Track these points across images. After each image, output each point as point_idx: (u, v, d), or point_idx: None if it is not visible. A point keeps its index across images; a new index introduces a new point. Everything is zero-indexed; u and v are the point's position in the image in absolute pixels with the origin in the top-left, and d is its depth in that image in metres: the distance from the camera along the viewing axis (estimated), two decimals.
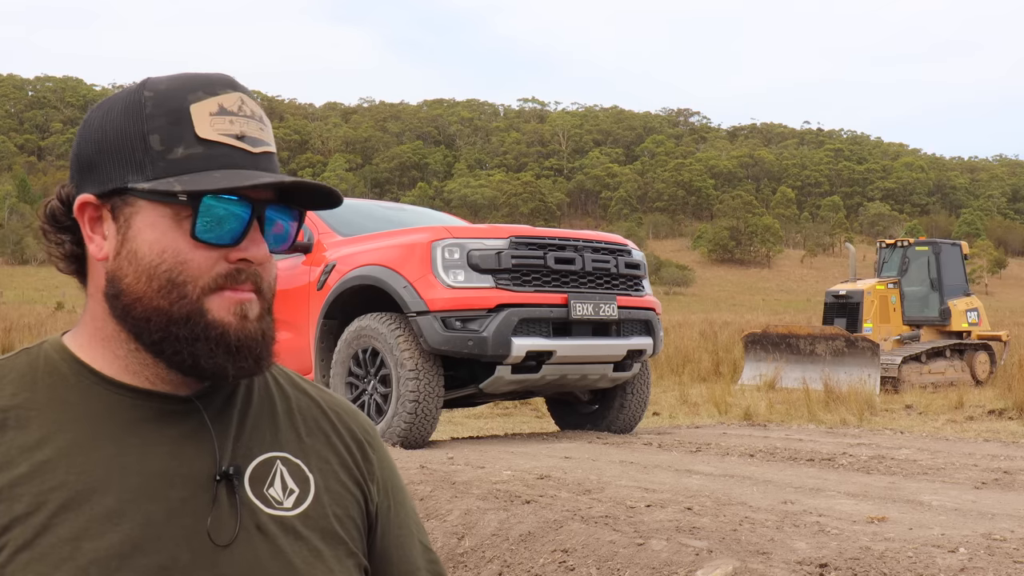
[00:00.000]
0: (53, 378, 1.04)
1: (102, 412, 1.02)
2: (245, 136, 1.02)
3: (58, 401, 1.02)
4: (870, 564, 3.12)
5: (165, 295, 1.00)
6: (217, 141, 1.01)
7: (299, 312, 6.60)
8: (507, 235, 6.16)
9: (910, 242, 16.78)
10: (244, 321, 1.02)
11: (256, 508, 1.03)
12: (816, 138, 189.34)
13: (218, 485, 1.02)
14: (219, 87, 1.04)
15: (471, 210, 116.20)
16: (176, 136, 1.00)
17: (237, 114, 1.03)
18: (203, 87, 1.03)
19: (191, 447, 1.03)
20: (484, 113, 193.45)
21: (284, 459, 1.08)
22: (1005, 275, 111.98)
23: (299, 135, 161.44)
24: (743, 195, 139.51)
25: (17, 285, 65.33)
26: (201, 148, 1.00)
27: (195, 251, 1.00)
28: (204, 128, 1.01)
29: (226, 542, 1.00)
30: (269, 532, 1.03)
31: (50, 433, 1.00)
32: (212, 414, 1.06)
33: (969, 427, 9.66)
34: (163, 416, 1.03)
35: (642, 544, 3.46)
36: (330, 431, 1.15)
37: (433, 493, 4.36)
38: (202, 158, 1.00)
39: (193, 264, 1.00)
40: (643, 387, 7.10)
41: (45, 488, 0.96)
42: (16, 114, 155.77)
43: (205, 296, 1.00)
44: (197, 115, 1.01)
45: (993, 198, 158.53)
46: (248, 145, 1.02)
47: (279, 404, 1.13)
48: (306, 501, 1.07)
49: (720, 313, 45.10)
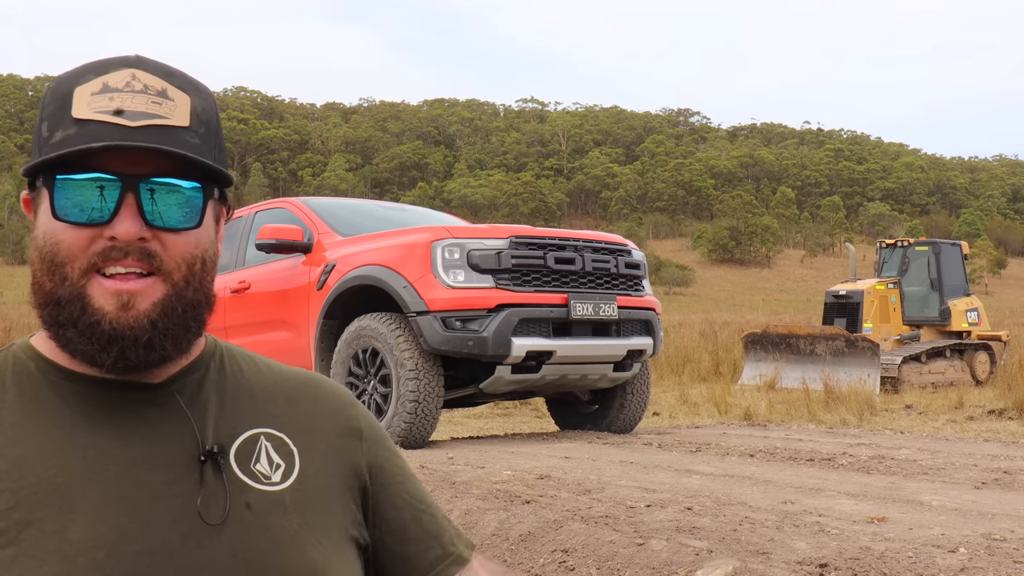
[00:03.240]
0: (21, 377, 1.04)
1: (73, 405, 1.02)
2: (124, 111, 0.99)
3: (28, 399, 1.02)
4: (870, 564, 3.11)
5: (51, 277, 1.00)
6: (89, 119, 0.98)
7: (299, 312, 6.60)
8: (507, 235, 6.16)
9: (910, 242, 16.77)
10: (123, 310, 0.98)
11: (245, 485, 1.03)
12: (816, 138, 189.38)
13: (203, 465, 1.01)
14: (113, 67, 1.02)
15: (471, 210, 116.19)
16: (58, 120, 1.00)
17: (122, 90, 1.00)
18: (96, 69, 1.02)
19: (169, 430, 1.02)
20: (484, 113, 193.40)
21: (268, 434, 1.08)
22: (1005, 275, 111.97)
23: (299, 135, 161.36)
24: (743, 195, 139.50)
25: (17, 285, 65.29)
26: (75, 128, 0.98)
27: (65, 231, 0.99)
28: (80, 108, 0.99)
29: (217, 521, 0.99)
30: (258, 508, 1.02)
31: (23, 430, 1.00)
32: (187, 398, 1.05)
33: (969, 427, 9.66)
34: (136, 404, 1.03)
35: (642, 544, 3.46)
36: (311, 401, 1.15)
37: (433, 493, 4.36)
38: (73, 138, 0.98)
39: (65, 244, 0.99)
40: (643, 387, 7.10)
41: (25, 484, 0.96)
42: (16, 114, 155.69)
43: (87, 279, 0.99)
44: (78, 97, 0.99)
45: (993, 198, 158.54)
46: (126, 120, 0.98)
47: (256, 382, 1.13)
48: (292, 474, 1.06)
49: (720, 313, 45.09)
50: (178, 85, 1.03)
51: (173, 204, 1.01)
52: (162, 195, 1.00)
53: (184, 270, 1.02)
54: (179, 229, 1.01)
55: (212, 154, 1.04)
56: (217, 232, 1.10)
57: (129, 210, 0.98)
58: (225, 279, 7.09)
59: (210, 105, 1.06)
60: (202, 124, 1.04)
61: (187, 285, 1.02)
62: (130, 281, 0.99)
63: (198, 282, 1.04)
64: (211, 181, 1.04)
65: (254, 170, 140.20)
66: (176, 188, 1.01)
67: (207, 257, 1.05)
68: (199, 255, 1.04)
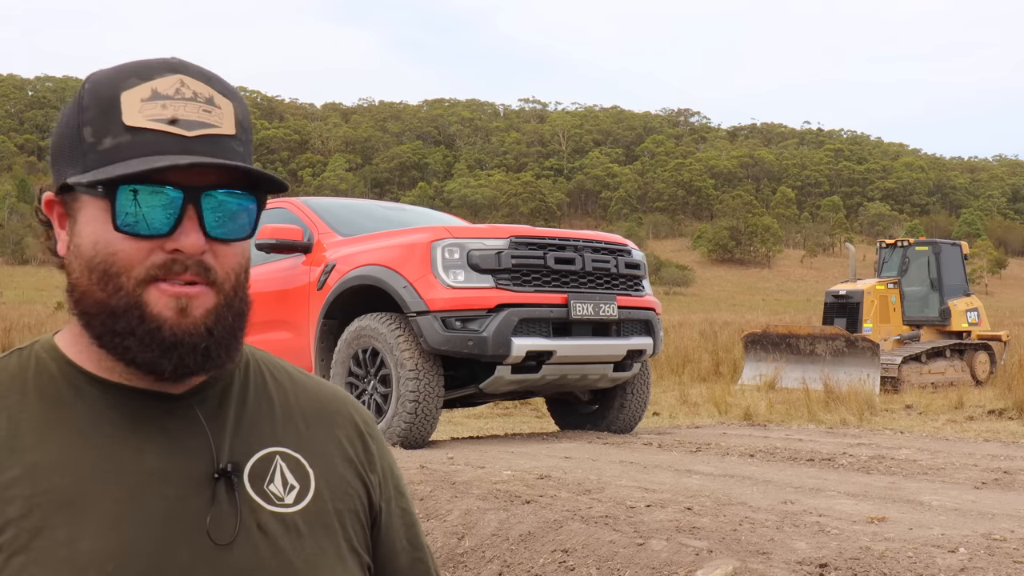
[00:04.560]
0: (43, 379, 1.02)
1: (94, 413, 1.00)
2: (179, 120, 0.98)
3: (49, 402, 1.01)
4: (870, 564, 3.11)
5: (103, 287, 0.98)
6: (144, 128, 0.97)
7: (299, 312, 6.60)
8: (507, 235, 6.16)
9: (910, 242, 16.77)
10: (182, 316, 0.98)
11: (257, 505, 1.02)
12: (816, 138, 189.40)
13: (217, 483, 1.00)
14: (157, 71, 1.00)
15: (471, 210, 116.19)
16: (105, 126, 0.98)
17: (173, 97, 0.98)
18: (138, 73, 1.00)
19: (187, 445, 1.01)
20: (484, 113, 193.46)
21: (284, 454, 1.07)
22: (1005, 275, 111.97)
23: (299, 135, 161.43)
24: (743, 195, 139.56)
25: (17, 285, 65.29)
26: (128, 136, 0.97)
27: (124, 242, 0.97)
28: (132, 115, 0.97)
29: (226, 541, 0.98)
30: (270, 530, 1.01)
31: (42, 435, 0.98)
32: (207, 411, 1.04)
33: (969, 427, 9.66)
34: (157, 415, 1.02)
35: (642, 544, 3.46)
36: (330, 424, 1.13)
37: (433, 493, 4.36)
38: (128, 147, 0.97)
39: (123, 255, 0.97)
40: (643, 387, 7.10)
41: (39, 491, 0.95)
42: (16, 114, 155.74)
43: (142, 288, 0.97)
44: (127, 103, 0.98)
45: (993, 198, 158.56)
46: (181, 129, 0.98)
47: (276, 398, 1.11)
48: (307, 497, 1.05)
49: (720, 313, 45.09)
50: (220, 91, 1.02)
51: (231, 215, 1.00)
52: (221, 207, 1.00)
53: (233, 280, 1.02)
54: (233, 240, 1.01)
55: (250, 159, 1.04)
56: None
57: (192, 223, 0.98)
58: None
59: (246, 109, 1.06)
60: (244, 131, 1.03)
61: (235, 295, 1.02)
62: (187, 287, 0.99)
63: (243, 292, 1.04)
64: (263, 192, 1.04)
65: None
66: (235, 200, 1.00)
67: (248, 266, 1.06)
68: (244, 264, 1.04)
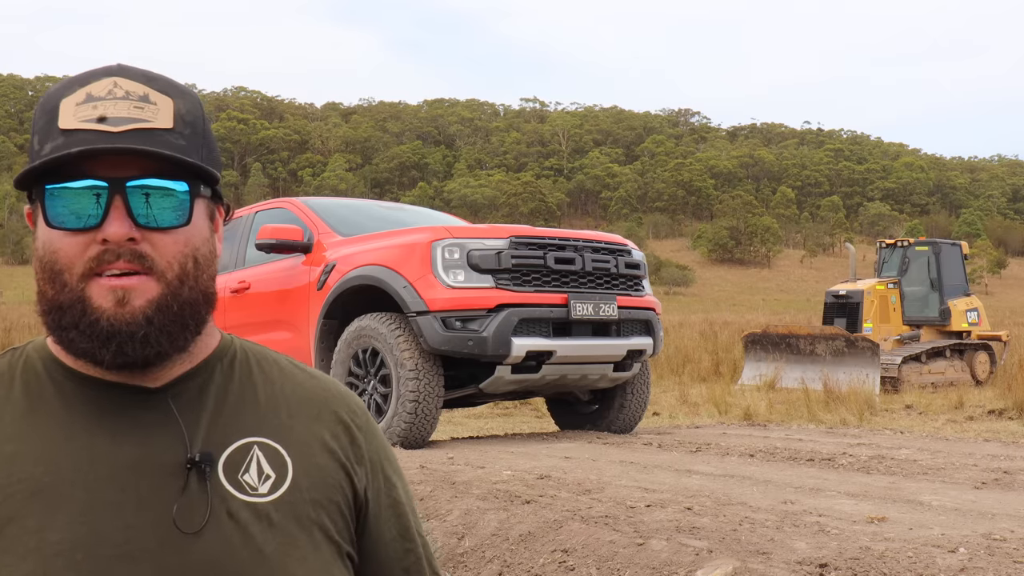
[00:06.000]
0: (29, 376, 1.07)
1: (73, 406, 1.04)
2: (107, 118, 1.01)
3: (31, 397, 1.05)
4: (870, 564, 3.12)
5: (52, 285, 1.03)
6: (75, 129, 1.01)
7: (299, 312, 6.60)
8: (507, 235, 6.16)
9: (910, 242, 16.78)
10: (120, 307, 1.01)
11: (228, 495, 1.03)
12: (816, 138, 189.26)
13: (189, 472, 1.02)
14: (96, 76, 1.05)
15: (471, 210, 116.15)
16: (46, 132, 1.03)
17: (105, 98, 1.02)
18: (80, 80, 1.05)
19: (161, 436, 1.04)
20: (484, 113, 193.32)
21: (262, 444, 1.08)
22: (1005, 275, 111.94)
23: (299, 135, 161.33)
24: (743, 195, 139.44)
25: (17, 285, 65.27)
26: (62, 139, 1.01)
27: (62, 239, 1.02)
28: (67, 119, 1.02)
29: (193, 529, 1.00)
30: (240, 519, 1.03)
31: (21, 427, 1.02)
32: (183, 403, 1.06)
33: (969, 427, 9.66)
34: (133, 407, 1.05)
35: (642, 544, 3.46)
36: (314, 415, 1.14)
37: (433, 493, 4.37)
38: (61, 148, 1.01)
39: (63, 252, 1.02)
40: (643, 387, 7.10)
41: (13, 480, 0.99)
42: (16, 114, 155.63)
43: (85, 283, 1.01)
44: (64, 108, 1.03)
45: (993, 198, 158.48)
46: (108, 126, 1.01)
47: (262, 390, 1.13)
48: (283, 486, 1.06)
49: (720, 313, 45.09)
50: (160, 89, 1.05)
51: (161, 204, 1.03)
52: (149, 196, 1.02)
53: (177, 269, 1.04)
54: (168, 228, 1.03)
55: (199, 154, 1.06)
56: (214, 231, 1.11)
57: (118, 212, 1.01)
58: (225, 279, 7.09)
59: (194, 107, 1.08)
60: (187, 125, 1.06)
61: (182, 284, 1.04)
62: (124, 279, 1.02)
63: (193, 280, 1.05)
64: (198, 179, 1.06)
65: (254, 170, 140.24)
66: (162, 188, 1.03)
67: (199, 255, 1.06)
68: (190, 253, 1.05)
